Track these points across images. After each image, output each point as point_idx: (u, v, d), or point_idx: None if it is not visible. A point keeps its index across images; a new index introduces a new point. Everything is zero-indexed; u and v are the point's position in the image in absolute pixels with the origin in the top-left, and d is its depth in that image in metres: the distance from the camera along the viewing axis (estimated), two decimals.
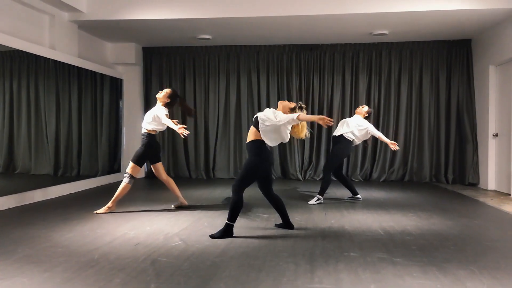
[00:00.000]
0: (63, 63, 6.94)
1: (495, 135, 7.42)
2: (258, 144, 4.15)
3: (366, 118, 6.18)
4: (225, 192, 7.10)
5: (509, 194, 6.72)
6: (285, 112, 4.24)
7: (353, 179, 8.70)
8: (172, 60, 9.19)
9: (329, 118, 3.88)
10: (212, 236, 4.07)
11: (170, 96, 5.55)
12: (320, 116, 3.92)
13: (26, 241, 3.97)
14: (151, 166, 5.72)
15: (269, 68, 8.98)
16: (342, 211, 5.42)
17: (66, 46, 7.16)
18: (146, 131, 5.48)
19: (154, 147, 5.55)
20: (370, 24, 7.30)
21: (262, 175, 4.26)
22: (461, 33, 7.87)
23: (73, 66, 7.24)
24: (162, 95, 5.58)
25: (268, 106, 8.99)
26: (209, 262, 3.34)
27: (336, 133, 6.08)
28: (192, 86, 9.16)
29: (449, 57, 8.44)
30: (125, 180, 5.44)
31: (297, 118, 3.91)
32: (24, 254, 3.56)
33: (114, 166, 8.97)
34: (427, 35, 8.06)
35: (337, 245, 3.78)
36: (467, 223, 4.68)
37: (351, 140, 5.99)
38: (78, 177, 7.55)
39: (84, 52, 7.89)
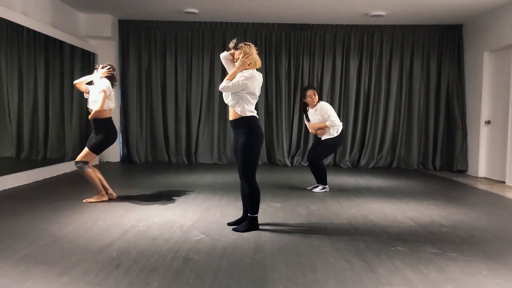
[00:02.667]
0: (29, 32, 6.11)
1: (488, 122, 7.45)
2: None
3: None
4: (217, 178, 6.67)
5: (503, 182, 6.77)
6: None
7: (342, 165, 8.52)
8: (152, 35, 8.50)
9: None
10: (236, 230, 3.67)
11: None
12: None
13: (20, 236, 3.39)
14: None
15: (257, 48, 8.49)
16: (353, 199, 5.17)
17: (39, 13, 6.36)
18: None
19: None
20: (369, 4, 7.03)
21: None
22: (454, 18, 7.80)
23: (40, 37, 6.41)
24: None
25: None
26: (249, 260, 2.95)
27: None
28: (173, 64, 8.54)
29: (440, 42, 8.37)
30: (83, 170, 4.73)
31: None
32: (25, 253, 3.00)
33: None
34: (420, 19, 7.91)
35: (377, 238, 3.50)
36: (489, 213, 4.55)
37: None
38: (45, 160, 6.80)
39: (56, 22, 7.08)
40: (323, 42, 8.49)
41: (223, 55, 3.89)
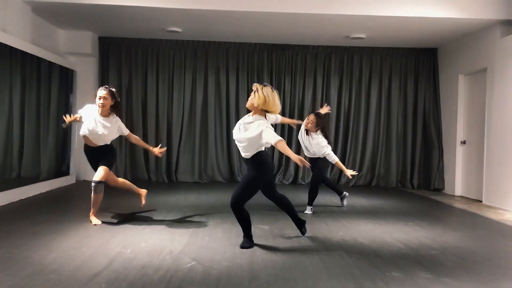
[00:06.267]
0: (5, 48, 5.89)
1: (463, 142, 7.66)
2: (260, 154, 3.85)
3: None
4: (200, 198, 6.58)
5: (480, 200, 6.94)
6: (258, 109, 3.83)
7: (322, 184, 8.52)
8: (133, 52, 8.41)
9: (307, 163, 3.56)
10: (243, 247, 3.84)
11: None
12: (300, 157, 3.57)
13: (2, 266, 3.21)
14: None
15: (239, 67, 8.55)
16: (340, 220, 5.18)
17: (18, 30, 6.18)
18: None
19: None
20: (349, 27, 7.17)
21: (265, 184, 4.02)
22: (429, 41, 8.06)
23: (17, 53, 6.19)
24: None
25: (237, 107, 8.55)
26: None
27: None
28: (154, 82, 8.46)
29: (417, 64, 8.61)
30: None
31: (276, 144, 3.62)
32: (10, 284, 2.84)
33: (62, 168, 8.01)
34: (398, 42, 8.13)
35: (370, 263, 3.50)
36: (473, 234, 4.65)
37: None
38: (19, 179, 6.54)
39: (35, 38, 6.89)
40: (304, 63, 8.59)
41: None
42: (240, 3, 6.34)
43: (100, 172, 4.69)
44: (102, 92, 4.69)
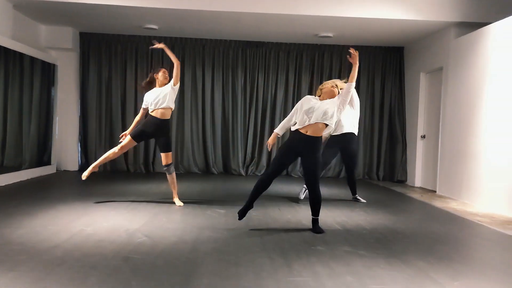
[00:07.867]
0: None
1: (423, 136, 8.14)
2: None
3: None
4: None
5: (435, 191, 7.42)
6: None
7: (293, 175, 9.01)
8: (112, 48, 8.79)
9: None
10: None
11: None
12: None
13: None
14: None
15: (215, 63, 8.96)
16: (294, 206, 5.63)
17: (0, 26, 6.55)
18: None
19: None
20: (317, 26, 7.60)
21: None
22: (396, 41, 8.50)
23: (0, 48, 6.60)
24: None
25: (212, 101, 8.99)
26: (184, 258, 3.32)
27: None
28: (133, 77, 8.85)
29: (384, 62, 9.06)
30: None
31: None
32: None
33: (44, 158, 8.40)
34: (366, 41, 8.57)
35: (302, 240, 3.95)
36: (409, 218, 5.13)
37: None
38: (2, 167, 6.96)
39: (17, 34, 7.27)
40: (277, 59, 9.01)
41: None
42: (210, 3, 6.74)
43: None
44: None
